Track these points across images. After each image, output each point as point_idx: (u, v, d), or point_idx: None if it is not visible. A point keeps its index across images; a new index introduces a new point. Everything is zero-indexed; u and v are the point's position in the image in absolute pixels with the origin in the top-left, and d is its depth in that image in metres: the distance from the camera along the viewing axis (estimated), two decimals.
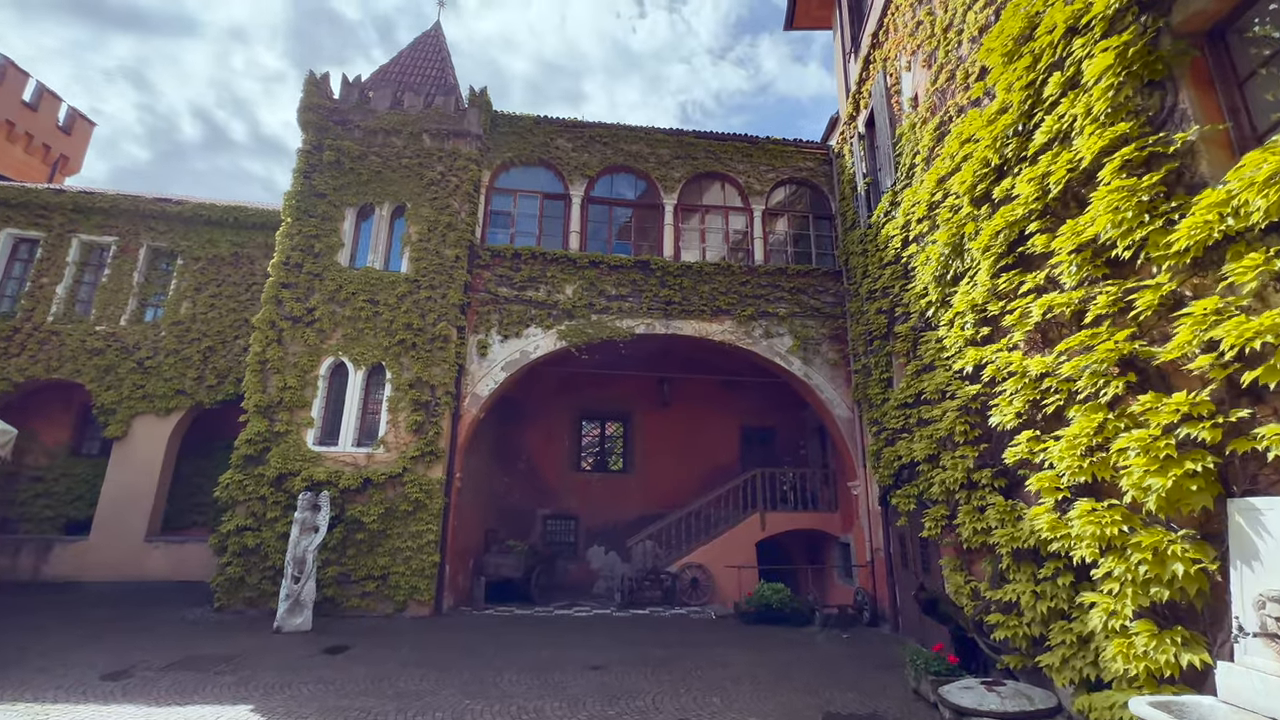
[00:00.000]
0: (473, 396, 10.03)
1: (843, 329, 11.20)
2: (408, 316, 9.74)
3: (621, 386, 13.85)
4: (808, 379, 10.92)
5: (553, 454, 13.73)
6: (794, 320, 11.18)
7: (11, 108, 18.11)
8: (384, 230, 10.46)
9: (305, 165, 10.33)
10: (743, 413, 14.25)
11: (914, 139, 7.79)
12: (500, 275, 10.65)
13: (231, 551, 8.52)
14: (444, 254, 10.18)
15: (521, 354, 10.34)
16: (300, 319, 9.59)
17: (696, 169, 11.99)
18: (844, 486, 11.37)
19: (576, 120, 11.80)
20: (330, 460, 9.13)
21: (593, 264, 10.88)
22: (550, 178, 11.68)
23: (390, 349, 9.63)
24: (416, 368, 9.55)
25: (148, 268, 11.50)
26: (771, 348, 11.02)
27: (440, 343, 9.74)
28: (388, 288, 9.90)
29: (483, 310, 10.41)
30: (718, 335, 10.95)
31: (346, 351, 9.56)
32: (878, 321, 9.17)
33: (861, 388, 10.08)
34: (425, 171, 10.61)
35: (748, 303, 11.14)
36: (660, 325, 10.86)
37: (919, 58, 7.72)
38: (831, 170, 12.33)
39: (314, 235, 9.96)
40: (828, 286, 11.49)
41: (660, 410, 13.97)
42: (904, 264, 8.04)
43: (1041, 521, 4.37)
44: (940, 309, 6.68)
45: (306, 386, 9.38)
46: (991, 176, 5.46)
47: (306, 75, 10.72)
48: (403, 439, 9.32)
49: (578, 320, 10.62)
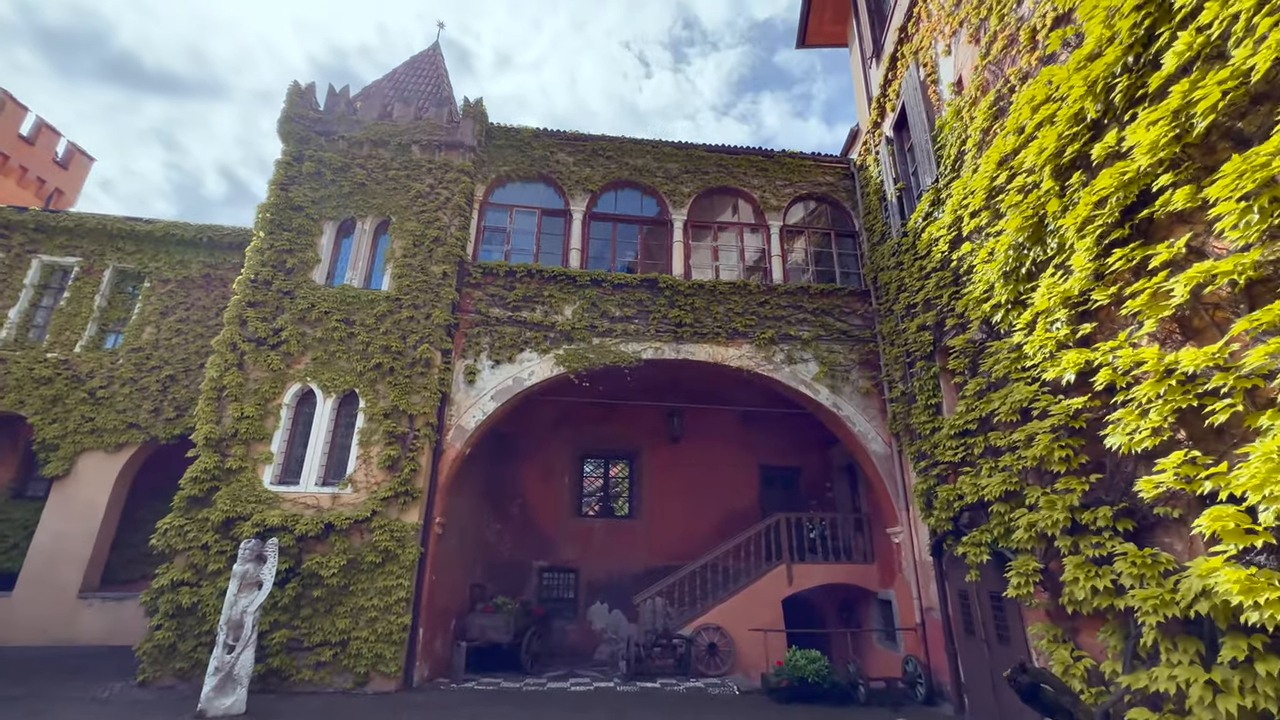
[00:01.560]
0: (457, 429, 8.82)
1: (874, 354, 10.01)
2: (386, 339, 8.65)
3: (627, 421, 12.59)
4: (837, 410, 9.65)
5: (550, 497, 12.34)
6: (819, 344, 10.01)
7: (7, 141, 17.79)
8: (366, 246, 9.52)
9: (283, 177, 9.49)
10: (761, 450, 12.88)
11: (960, 125, 6.81)
12: (492, 294, 9.62)
13: (163, 612, 7.17)
14: (430, 270, 9.19)
15: (514, 381, 9.18)
16: (265, 341, 8.52)
17: (707, 184, 11.10)
18: (881, 534, 9.93)
19: (578, 133, 11.02)
20: (289, 502, 7.87)
21: (595, 282, 9.84)
22: (550, 193, 10.82)
23: (365, 374, 8.50)
24: (393, 395, 8.39)
25: (112, 290, 10.57)
26: (795, 374, 9.81)
27: (421, 367, 8.61)
28: (365, 307, 8.86)
29: (472, 333, 9.32)
30: (734, 360, 9.77)
31: (315, 377, 8.44)
32: (920, 340, 7.99)
33: (902, 418, 8.81)
34: (413, 184, 9.75)
35: (767, 325, 10.01)
36: (670, 349, 9.71)
37: (962, 35, 6.83)
38: (853, 184, 11.42)
39: (287, 250, 9.01)
40: (854, 307, 10.37)
41: (670, 448, 12.63)
42: (954, 268, 6.93)
43: (1223, 579, 3.06)
44: (1012, 311, 5.51)
45: (267, 417, 8.22)
46: (1086, 134, 4.39)
47: (290, 85, 10.04)
48: (374, 477, 8.07)
49: (578, 344, 9.50)
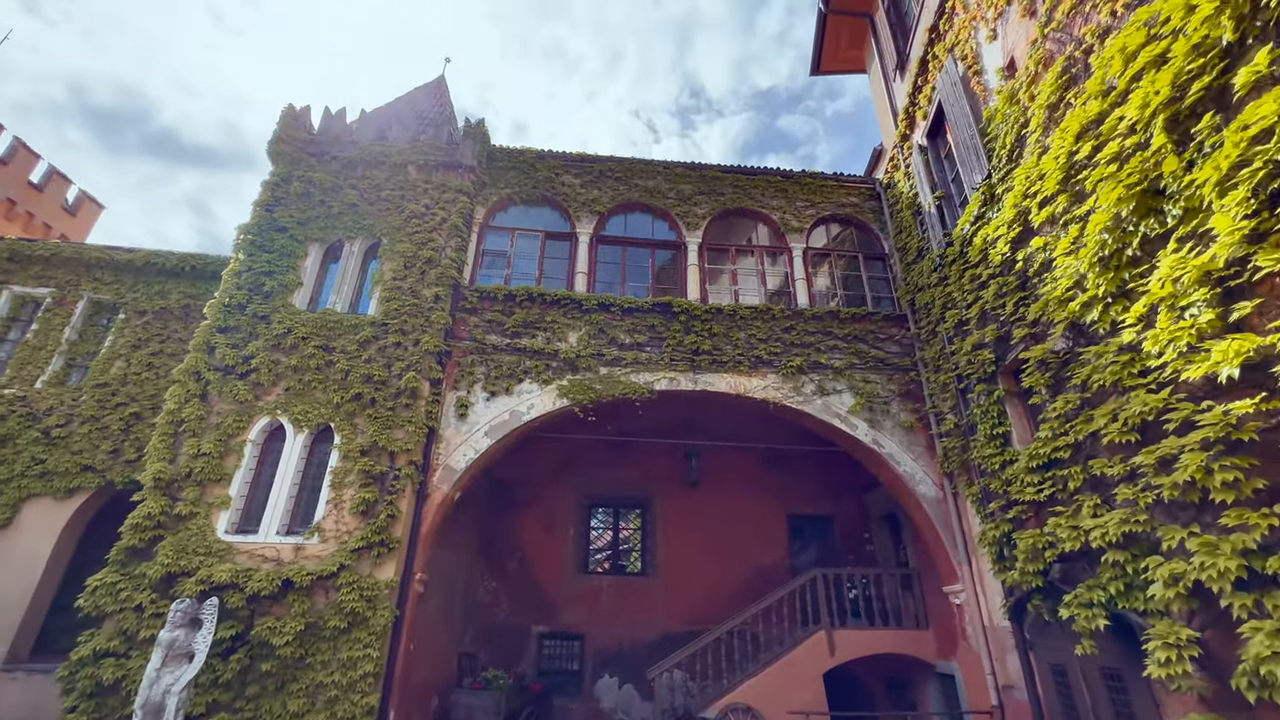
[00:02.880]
0: (445, 470, 7.73)
1: (915, 383, 8.89)
2: (369, 367, 7.71)
3: (639, 464, 11.40)
4: (877, 447, 8.46)
5: (552, 551, 11.02)
6: (853, 374, 8.93)
7: (15, 187, 17.76)
8: (354, 269, 8.74)
9: (269, 198, 8.86)
10: (789, 496, 11.56)
11: (1015, 110, 5.97)
12: (489, 320, 8.72)
13: (80, 691, 5.94)
14: (421, 294, 8.35)
15: (512, 415, 8.14)
16: (233, 369, 7.61)
17: (724, 205, 10.36)
18: (936, 593, 8.52)
19: (585, 154, 10.43)
20: (244, 554, 6.73)
21: (602, 306, 8.94)
22: (554, 216, 10.11)
23: (343, 406, 7.51)
24: (373, 429, 7.37)
25: (84, 323, 9.83)
26: (828, 407, 8.68)
27: (407, 398, 7.62)
28: (348, 332, 7.98)
29: (465, 361, 8.37)
30: (758, 391, 8.69)
31: (287, 410, 7.47)
32: (977, 360, 6.90)
33: (956, 454, 7.61)
34: (407, 204, 9.07)
35: (794, 352, 8.98)
36: (686, 380, 8.67)
37: (1012, 13, 6.10)
38: (880, 205, 10.62)
39: (266, 272, 8.24)
40: (890, 333, 9.35)
41: (687, 494, 11.35)
42: (1021, 270, 5.93)
43: None
44: (1114, 305, 4.46)
45: (229, 455, 7.20)
46: (1216, 65, 3.47)
47: (284, 107, 9.59)
48: (345, 524, 6.94)
49: (583, 374, 8.50)
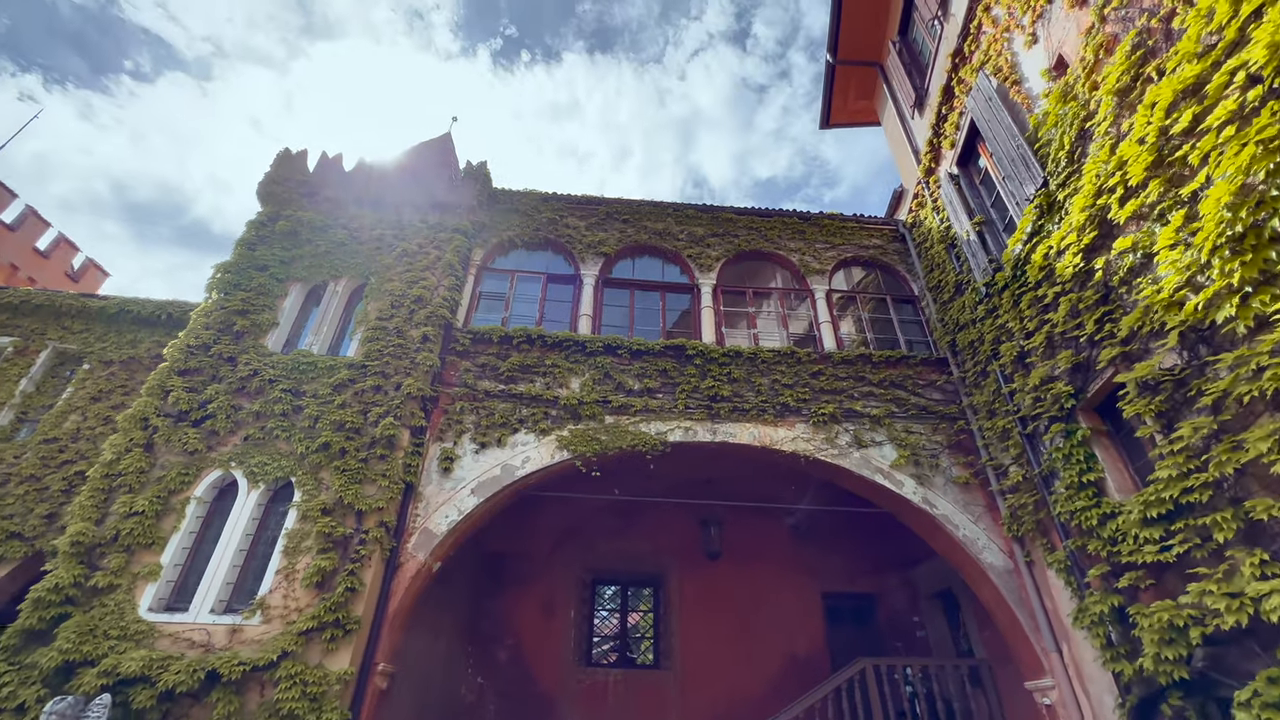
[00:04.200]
0: (423, 534, 6.55)
1: (965, 433, 7.78)
2: (342, 413, 6.75)
3: (650, 533, 10.06)
4: (929, 508, 7.23)
5: (551, 638, 9.47)
6: (893, 423, 7.85)
7: (20, 253, 17.69)
8: (336, 309, 7.99)
9: (253, 236, 8.29)
10: (823, 573, 10.07)
11: (1076, 104, 5.30)
12: (483, 364, 7.83)
13: None
14: (408, 334, 7.53)
15: (504, 470, 7.05)
16: (186, 415, 6.67)
17: (738, 248, 9.71)
18: (1015, 689, 6.95)
19: (590, 196, 9.95)
20: (167, 638, 5.48)
21: (608, 349, 8.05)
22: (558, 260, 9.46)
23: (308, 457, 6.48)
24: (339, 484, 6.29)
25: (45, 374, 9.03)
26: (867, 461, 7.54)
27: (383, 448, 6.59)
28: (322, 375, 7.09)
29: (453, 409, 7.40)
30: (786, 443, 7.59)
31: (243, 462, 6.44)
32: (1049, 396, 5.86)
33: (1029, 512, 6.38)
34: (400, 243, 8.46)
35: (824, 399, 7.96)
36: (703, 430, 7.61)
37: (1056, 9, 5.59)
38: (906, 246, 9.95)
39: (239, 311, 7.49)
40: (929, 378, 8.34)
41: (706, 569, 9.90)
42: (1101, 280, 5.03)
43: None
44: (1254, 296, 3.50)
45: (167, 514, 6.11)
46: None
47: (280, 151, 9.25)
48: (295, 599, 5.71)
49: (586, 423, 7.48)
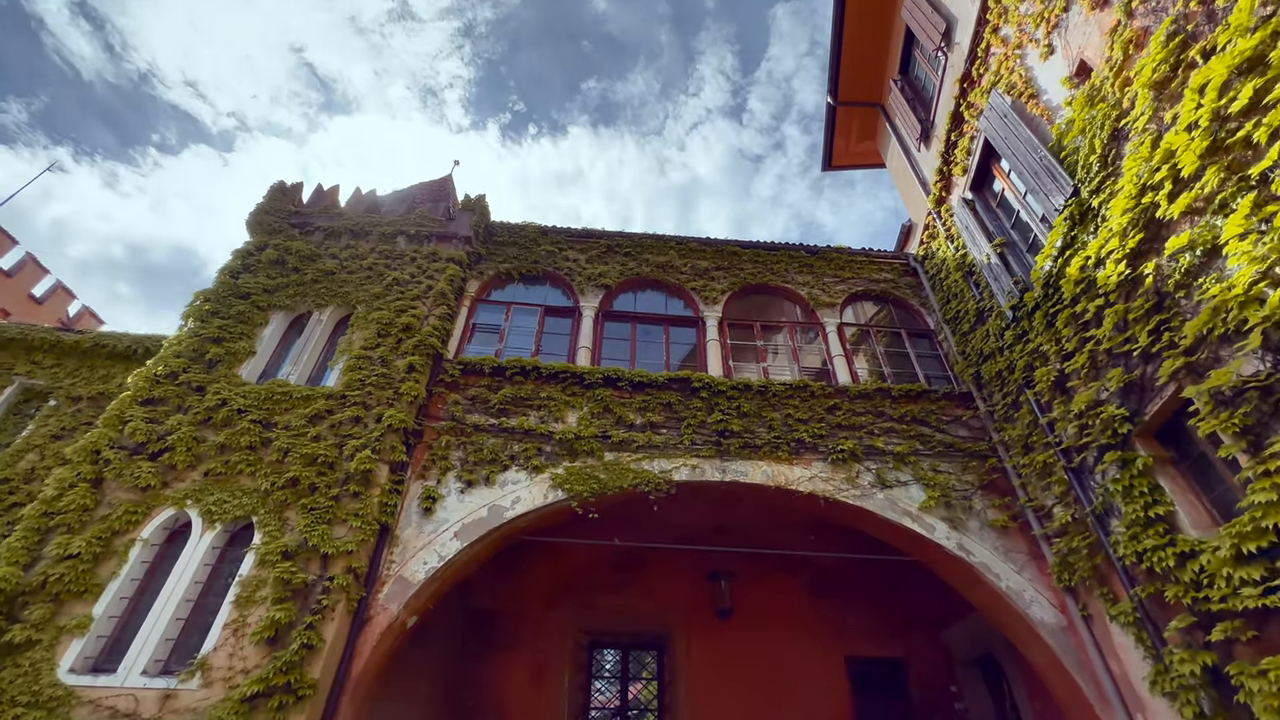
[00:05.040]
0: (398, 583, 5.79)
1: (998, 472, 7.11)
2: (315, 446, 6.13)
3: (654, 587, 9.15)
4: (965, 555, 6.47)
5: (542, 709, 8.38)
6: (919, 462, 7.20)
7: (15, 300, 17.52)
8: (319, 338, 7.52)
9: (238, 265, 7.93)
10: (846, 632, 9.06)
11: (1105, 105, 4.99)
12: (473, 397, 7.27)
13: None
14: (393, 364, 7.01)
15: (491, 511, 6.35)
16: (143, 448, 6.05)
17: (744, 281, 9.34)
18: None
19: (590, 229, 9.69)
20: (88, 705, 4.66)
21: (608, 381, 7.51)
22: (557, 293, 9.08)
23: (273, 494, 5.82)
24: (303, 523, 5.59)
25: (7, 410, 8.46)
26: (892, 503, 6.83)
27: (357, 484, 5.93)
28: (296, 406, 6.52)
29: (438, 445, 6.78)
30: (803, 483, 6.91)
31: (200, 499, 5.77)
32: (1098, 422, 5.26)
33: (1082, 558, 5.65)
34: (391, 272, 8.10)
35: (841, 435, 7.34)
36: (712, 468, 6.96)
37: (1073, 17, 5.40)
38: (918, 280, 9.58)
39: (214, 339, 7.01)
40: (953, 414, 7.75)
41: (717, 628, 8.90)
42: (1152, 287, 4.54)
43: None
44: None
45: (107, 558, 5.40)
46: None
47: (274, 183, 9.06)
48: (243, 658, 4.91)
49: (583, 460, 6.84)
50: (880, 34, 9.88)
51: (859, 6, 9.60)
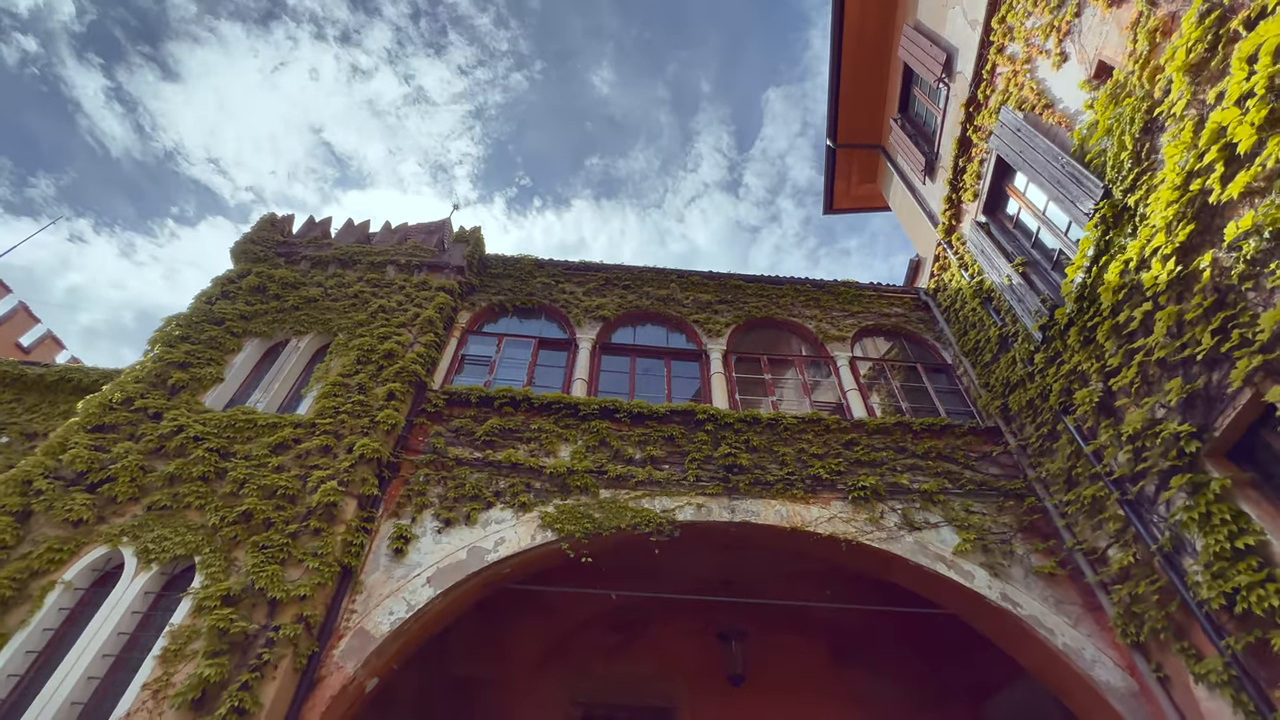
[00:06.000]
0: (358, 637, 4.98)
1: (1039, 512, 6.38)
2: (276, 477, 5.48)
3: (656, 649, 8.13)
4: (1012, 607, 5.65)
5: None
6: (949, 501, 6.49)
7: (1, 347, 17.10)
8: (295, 367, 7.00)
9: (216, 291, 7.53)
10: (875, 705, 7.94)
11: (1133, 99, 4.71)
12: (457, 428, 6.66)
13: None
14: (372, 391, 6.45)
15: (471, 554, 5.60)
16: (82, 478, 5.39)
17: (749, 314, 8.93)
18: None
19: (588, 262, 9.38)
20: None
21: (605, 412, 6.92)
22: (552, 327, 8.63)
23: (222, 530, 5.12)
24: (254, 564, 4.86)
25: None
26: (923, 547, 6.08)
27: (320, 520, 5.23)
28: (260, 434, 5.91)
29: (416, 479, 6.11)
30: (821, 524, 6.18)
31: (138, 536, 5.06)
32: (1158, 443, 4.65)
33: (1152, 606, 4.88)
34: (376, 300, 7.69)
35: (861, 471, 6.67)
36: (720, 507, 6.25)
37: (1087, 20, 5.23)
38: (931, 314, 9.16)
39: (179, 364, 6.50)
40: (980, 450, 7.12)
41: (728, 698, 7.78)
42: (1211, 279, 4.07)
43: None
44: None
45: (19, 605, 4.63)
46: None
47: (265, 215, 8.83)
48: None
49: (577, 497, 6.15)
50: (878, 74, 9.96)
51: (856, 49, 9.72)
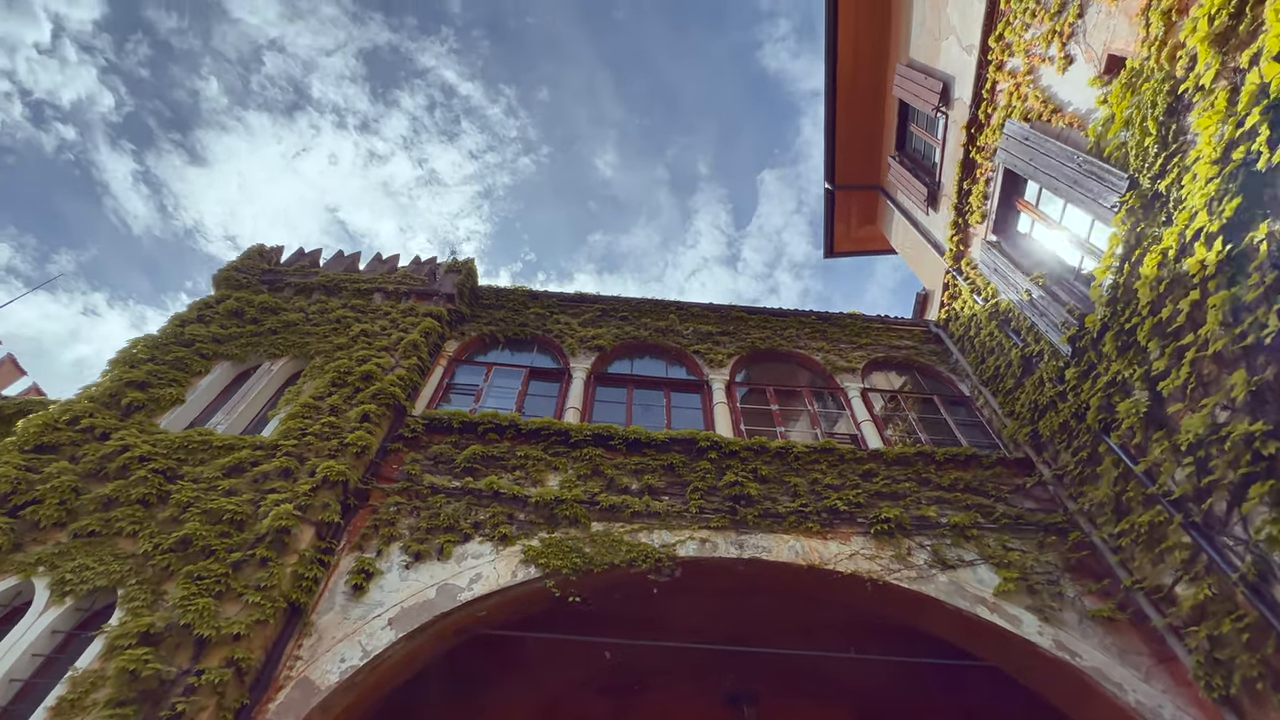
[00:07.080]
0: (300, 688, 4.18)
1: (1086, 548, 5.66)
2: (224, 501, 4.85)
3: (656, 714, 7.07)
4: (1071, 658, 4.84)
5: None
6: (983, 537, 5.78)
7: None
8: (264, 390, 6.51)
9: (191, 315, 7.15)
10: None
11: (1152, 83, 4.48)
12: (435, 455, 6.06)
13: None
14: (344, 414, 5.92)
15: (441, 592, 4.86)
16: (4, 501, 4.76)
17: (752, 345, 8.49)
18: None
19: (584, 294, 9.06)
20: None
21: (599, 439, 6.33)
22: (545, 358, 8.19)
23: (153, 559, 4.44)
24: (180, 595, 4.16)
25: None
26: (959, 587, 5.32)
27: (268, 549, 4.56)
28: (214, 456, 5.33)
29: (385, 508, 5.45)
30: (843, 563, 5.45)
31: (56, 566, 4.38)
32: (1223, 451, 4.08)
33: (1243, 648, 4.13)
34: (359, 325, 7.28)
35: (882, 504, 5.99)
36: (726, 542, 5.55)
37: (1091, 20, 5.13)
38: (943, 346, 8.73)
39: (139, 384, 5.99)
40: (1011, 483, 6.48)
41: None
42: (1268, 258, 3.65)
43: None
44: None
45: None
46: None
47: (253, 245, 8.61)
48: None
49: (565, 529, 5.46)
50: (873, 115, 10.05)
51: (850, 91, 9.86)
